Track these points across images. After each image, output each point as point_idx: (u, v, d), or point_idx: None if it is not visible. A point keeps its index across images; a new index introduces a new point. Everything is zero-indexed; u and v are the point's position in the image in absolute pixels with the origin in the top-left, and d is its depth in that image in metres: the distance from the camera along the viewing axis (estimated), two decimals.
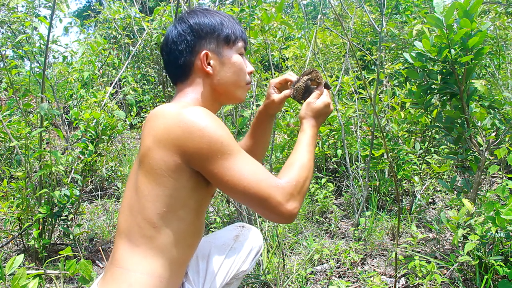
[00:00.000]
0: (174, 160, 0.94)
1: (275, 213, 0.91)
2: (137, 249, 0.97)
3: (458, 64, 1.88)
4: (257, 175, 0.92)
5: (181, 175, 0.95)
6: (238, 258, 1.32)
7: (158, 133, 0.95)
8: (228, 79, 1.10)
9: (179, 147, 0.93)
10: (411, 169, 2.84)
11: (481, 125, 1.99)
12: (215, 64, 1.08)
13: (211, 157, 0.92)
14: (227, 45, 1.09)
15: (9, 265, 1.36)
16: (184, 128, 0.92)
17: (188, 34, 1.07)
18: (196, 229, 1.06)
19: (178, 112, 0.94)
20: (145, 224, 0.97)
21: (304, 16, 3.83)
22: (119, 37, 4.38)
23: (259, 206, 0.92)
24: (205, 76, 1.09)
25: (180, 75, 1.10)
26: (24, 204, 2.23)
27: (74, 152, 3.03)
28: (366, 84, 1.93)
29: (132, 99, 3.66)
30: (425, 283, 1.76)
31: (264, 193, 0.91)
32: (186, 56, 1.07)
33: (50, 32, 2.22)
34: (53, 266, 2.17)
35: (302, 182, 0.97)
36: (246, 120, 3.06)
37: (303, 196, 0.96)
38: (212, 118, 0.94)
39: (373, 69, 4.70)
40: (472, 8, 1.79)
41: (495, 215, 1.55)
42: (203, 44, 1.07)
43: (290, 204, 0.92)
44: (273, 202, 0.91)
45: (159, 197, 0.96)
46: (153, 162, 0.95)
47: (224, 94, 1.12)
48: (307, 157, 1.03)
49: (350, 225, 2.76)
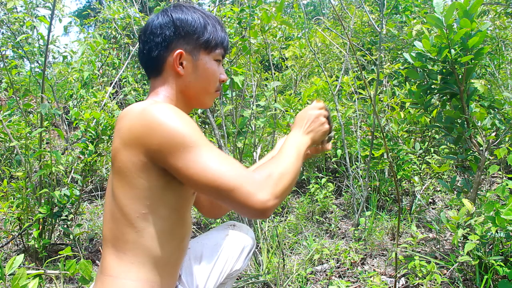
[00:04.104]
0: (140, 159, 0.91)
1: (246, 205, 0.84)
2: (124, 257, 0.95)
3: (458, 64, 1.88)
4: (224, 166, 0.86)
5: (150, 174, 0.92)
6: (231, 257, 1.31)
7: (124, 133, 0.93)
8: (197, 84, 1.06)
9: (143, 145, 0.90)
10: (411, 169, 2.84)
11: (481, 125, 1.99)
12: (187, 65, 1.04)
13: (174, 151, 0.87)
14: (204, 49, 1.05)
15: (9, 265, 1.36)
16: (145, 124, 0.89)
17: (168, 29, 1.02)
18: (182, 228, 1.04)
19: (142, 109, 0.92)
20: (127, 229, 0.95)
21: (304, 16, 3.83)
22: (119, 37, 4.38)
23: (228, 198, 0.85)
24: (176, 75, 1.05)
25: (152, 68, 1.06)
26: (24, 204, 2.23)
27: (74, 152, 3.04)
28: (366, 84, 1.93)
29: (132, 99, 3.66)
30: (425, 283, 1.76)
31: (232, 182, 0.84)
32: (161, 50, 1.03)
33: (50, 32, 2.22)
34: (53, 266, 2.16)
35: (277, 175, 0.89)
36: (246, 120, 3.06)
37: (281, 190, 0.88)
38: (175, 112, 0.91)
39: (372, 69, 4.70)
40: (472, 8, 1.79)
41: (495, 215, 1.55)
42: (180, 43, 1.03)
43: (263, 195, 0.84)
44: (242, 192, 0.83)
45: (135, 199, 0.93)
46: (122, 164, 0.93)
47: (192, 97, 1.08)
48: (286, 157, 0.97)
49: (350, 225, 2.76)
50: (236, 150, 2.90)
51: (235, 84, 2.58)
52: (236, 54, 2.59)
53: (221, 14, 2.62)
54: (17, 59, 4.04)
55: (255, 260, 2.13)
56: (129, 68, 3.90)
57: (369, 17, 2.57)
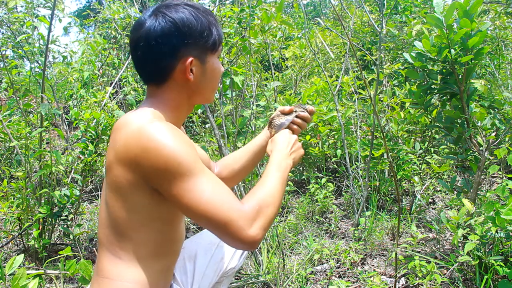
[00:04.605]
0: (134, 177, 0.90)
1: (237, 239, 0.85)
2: (120, 261, 0.96)
3: (458, 64, 1.88)
4: (217, 198, 0.86)
5: (144, 192, 0.92)
6: (225, 255, 1.32)
7: (119, 149, 0.92)
8: (206, 85, 1.04)
9: (137, 165, 0.89)
10: (411, 169, 2.84)
11: (481, 125, 1.99)
12: (197, 71, 1.00)
13: (169, 178, 0.86)
14: (211, 51, 1.02)
15: (9, 265, 1.36)
16: (141, 146, 0.87)
17: (175, 37, 0.95)
18: (176, 236, 1.05)
19: (139, 127, 0.90)
20: (121, 237, 0.96)
21: (304, 16, 3.83)
22: (119, 37, 4.38)
23: (219, 231, 0.86)
24: (184, 82, 1.00)
25: (157, 77, 1.00)
26: (24, 204, 2.23)
27: (74, 152, 3.03)
28: (366, 84, 1.93)
29: (132, 99, 3.65)
30: (425, 283, 1.76)
31: (224, 217, 0.84)
32: (169, 59, 0.97)
33: (50, 32, 2.22)
34: (53, 266, 2.16)
35: (265, 208, 0.90)
36: (246, 120, 3.06)
37: (268, 222, 0.89)
38: (173, 136, 0.89)
39: (372, 69, 4.70)
40: (472, 8, 1.79)
41: (495, 215, 1.55)
42: (188, 50, 0.97)
43: (253, 230, 0.85)
44: (234, 227, 0.84)
45: (128, 212, 0.94)
46: (116, 178, 0.92)
47: (199, 96, 1.06)
48: (273, 184, 0.97)
49: (350, 225, 2.76)
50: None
51: (235, 84, 2.58)
52: (236, 54, 2.58)
53: (221, 14, 2.61)
54: (17, 59, 4.05)
55: (255, 260, 2.13)
56: (129, 68, 3.90)
57: (369, 17, 2.58)
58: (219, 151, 2.21)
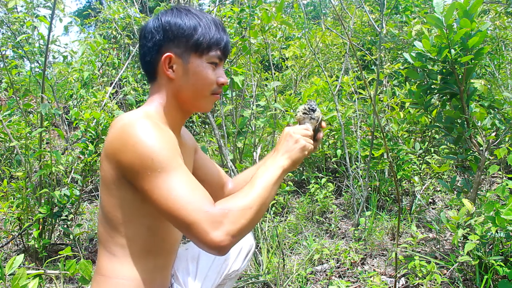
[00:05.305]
0: (116, 172, 0.93)
1: (201, 242, 0.82)
2: (114, 258, 0.98)
3: (458, 64, 1.88)
4: (186, 197, 0.84)
5: (126, 188, 0.93)
6: (229, 257, 1.31)
7: (106, 145, 0.95)
8: (189, 87, 1.03)
9: (117, 160, 0.91)
10: (411, 169, 2.84)
11: (481, 125, 1.99)
12: (177, 69, 1.02)
13: (142, 172, 0.87)
14: (195, 52, 1.02)
15: (9, 265, 1.36)
16: (122, 141, 0.90)
17: (158, 33, 1.01)
18: (168, 235, 1.05)
19: (124, 124, 0.92)
20: (115, 233, 0.97)
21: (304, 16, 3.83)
22: (119, 37, 4.38)
23: (185, 231, 0.84)
24: (168, 79, 1.03)
25: (148, 73, 1.07)
26: (24, 204, 2.23)
27: (74, 152, 3.03)
28: (366, 84, 1.93)
29: (132, 99, 3.65)
30: (425, 283, 1.76)
31: (188, 218, 0.82)
32: (153, 54, 1.03)
33: (50, 32, 2.22)
34: (53, 266, 2.16)
35: (237, 212, 0.85)
36: (246, 120, 3.06)
37: (240, 228, 0.84)
38: (154, 132, 0.89)
39: (372, 69, 4.70)
40: (472, 8, 1.79)
41: (495, 215, 1.55)
42: (170, 46, 1.01)
43: (217, 234, 0.81)
44: (197, 228, 0.81)
45: (116, 207, 0.96)
46: (104, 174, 0.95)
47: (186, 101, 1.06)
48: (254, 187, 0.93)
49: (350, 225, 2.76)
50: (236, 150, 2.91)
51: (235, 84, 2.58)
52: (236, 54, 2.59)
53: (221, 14, 2.62)
54: (17, 59, 4.04)
55: (255, 260, 2.13)
56: (129, 68, 3.90)
57: (369, 17, 2.58)
58: (219, 151, 2.21)
